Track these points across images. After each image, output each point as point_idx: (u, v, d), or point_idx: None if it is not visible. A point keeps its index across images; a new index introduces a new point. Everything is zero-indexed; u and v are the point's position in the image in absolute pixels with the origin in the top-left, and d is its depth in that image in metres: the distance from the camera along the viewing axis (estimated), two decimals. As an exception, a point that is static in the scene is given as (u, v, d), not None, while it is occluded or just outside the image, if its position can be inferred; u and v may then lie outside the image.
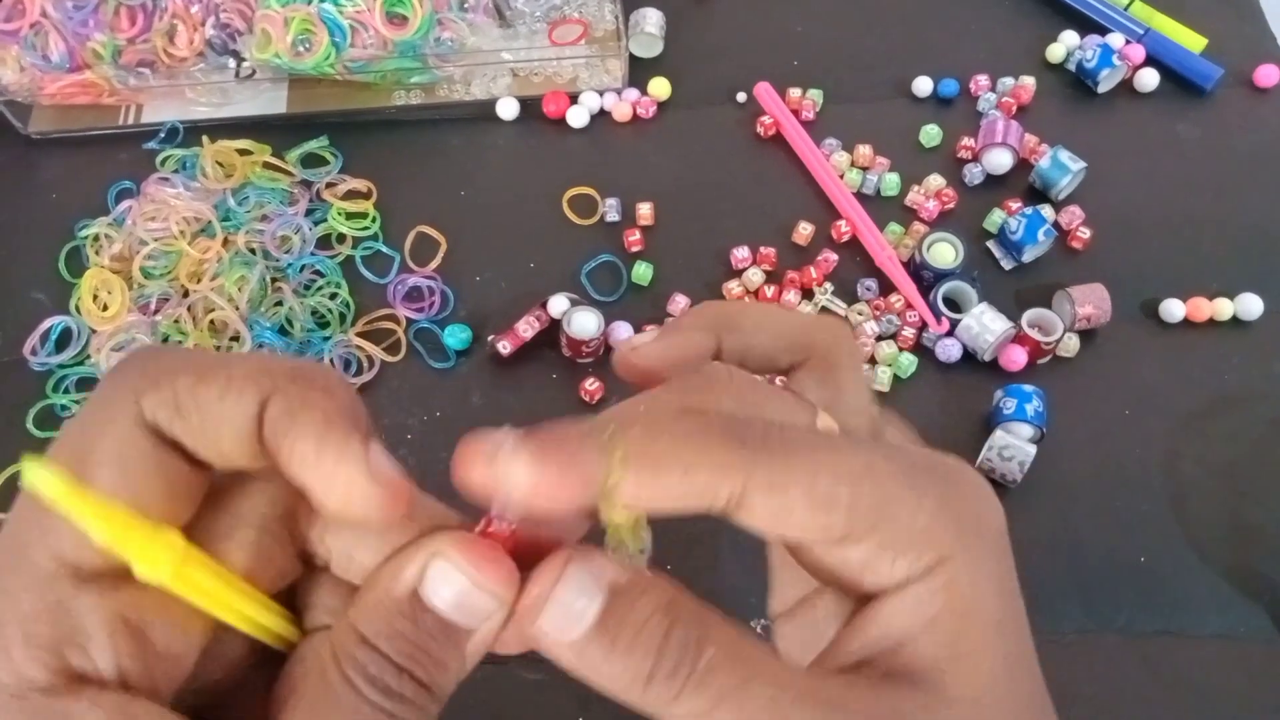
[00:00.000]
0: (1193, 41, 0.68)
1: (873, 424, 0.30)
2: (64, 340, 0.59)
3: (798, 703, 0.22)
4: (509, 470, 0.22)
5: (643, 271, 0.60)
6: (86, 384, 0.58)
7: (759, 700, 0.22)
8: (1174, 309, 0.59)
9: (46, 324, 0.59)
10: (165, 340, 0.57)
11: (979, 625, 0.24)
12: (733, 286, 0.60)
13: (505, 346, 0.58)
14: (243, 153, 0.64)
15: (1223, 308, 0.59)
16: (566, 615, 0.23)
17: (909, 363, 0.58)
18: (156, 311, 0.58)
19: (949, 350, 0.58)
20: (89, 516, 0.20)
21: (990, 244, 0.62)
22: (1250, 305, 0.59)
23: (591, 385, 0.57)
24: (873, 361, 0.58)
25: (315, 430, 0.22)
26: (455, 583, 0.23)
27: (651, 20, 0.68)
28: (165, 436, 0.22)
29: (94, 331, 0.58)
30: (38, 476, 0.20)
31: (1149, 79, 0.67)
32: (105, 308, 0.58)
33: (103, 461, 0.22)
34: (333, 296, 0.60)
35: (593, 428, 0.23)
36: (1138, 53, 0.67)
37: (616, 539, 0.24)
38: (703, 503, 0.23)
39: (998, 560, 0.24)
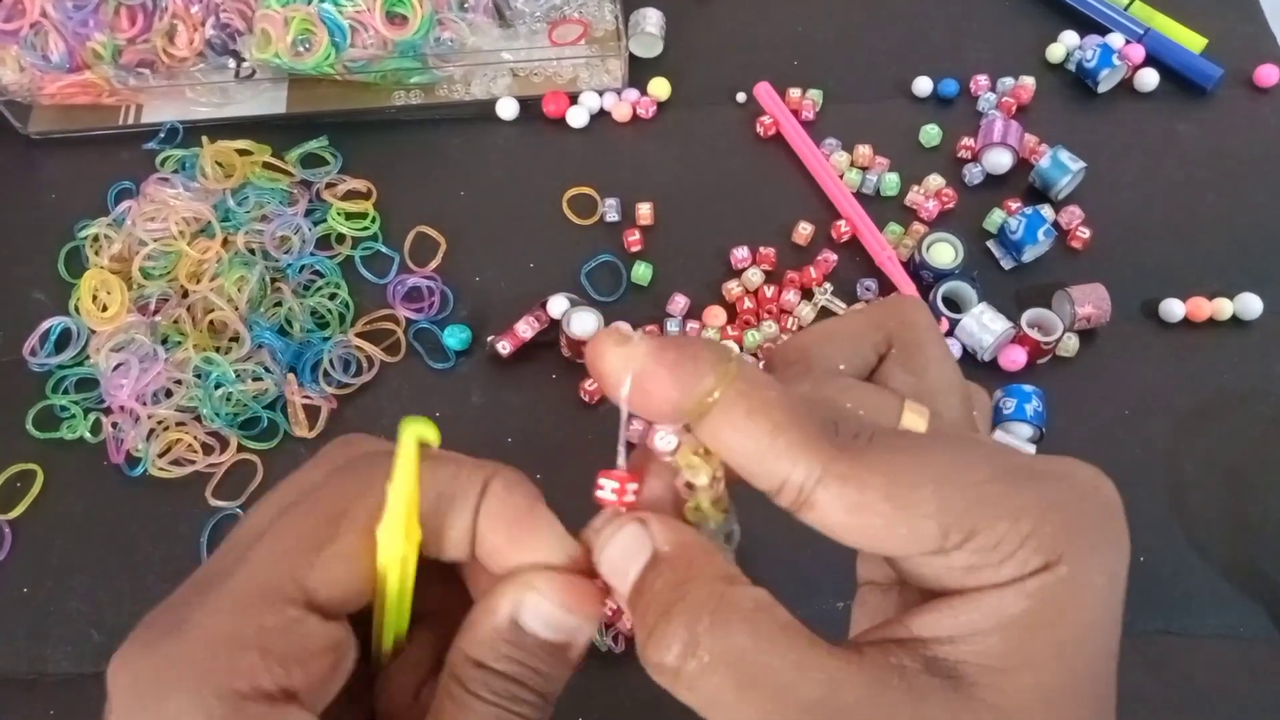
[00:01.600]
0: (1193, 41, 0.68)
1: (965, 399, 0.29)
2: (63, 341, 0.59)
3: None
4: (633, 351, 0.24)
5: (642, 271, 0.60)
6: (86, 385, 0.58)
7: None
8: (1174, 309, 0.59)
9: (46, 324, 0.59)
10: (164, 341, 0.57)
11: (1054, 639, 0.22)
12: (732, 286, 0.60)
13: (505, 347, 0.58)
14: (242, 153, 0.64)
15: (1222, 307, 0.59)
16: (614, 570, 0.25)
17: (909, 363, 0.58)
18: (156, 312, 0.58)
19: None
20: (409, 480, 0.24)
21: (990, 244, 0.62)
22: (1250, 305, 0.59)
23: (591, 385, 0.57)
24: (873, 361, 0.58)
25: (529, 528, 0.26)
26: (545, 613, 0.25)
27: (651, 20, 0.68)
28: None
29: (93, 332, 0.58)
30: (416, 432, 0.24)
31: (1149, 79, 0.67)
32: (105, 308, 0.58)
33: (353, 529, 0.25)
34: (332, 297, 0.60)
35: (719, 346, 0.24)
36: (1138, 53, 0.67)
37: (697, 509, 0.25)
38: (776, 471, 0.23)
39: (1106, 577, 0.23)
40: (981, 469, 0.23)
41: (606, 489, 0.25)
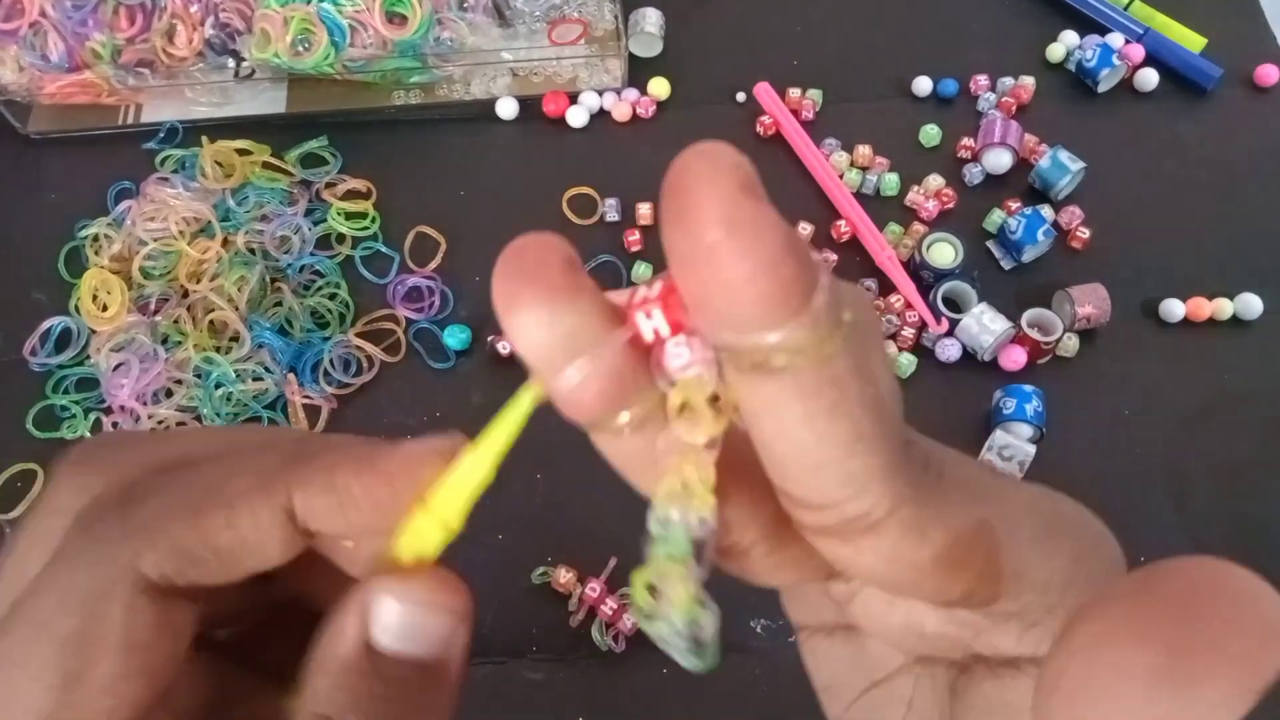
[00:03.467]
0: (1193, 41, 0.68)
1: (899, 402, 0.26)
2: (64, 340, 0.59)
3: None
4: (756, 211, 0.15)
5: (643, 272, 0.60)
6: (86, 385, 0.58)
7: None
8: (1174, 309, 0.59)
9: (46, 324, 0.59)
10: (164, 341, 0.57)
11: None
12: (732, 286, 0.60)
13: (505, 347, 0.58)
14: (242, 153, 0.64)
15: (1223, 307, 0.59)
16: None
17: (908, 363, 0.58)
18: (156, 312, 0.58)
19: (948, 350, 0.58)
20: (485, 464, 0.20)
21: (990, 244, 0.62)
22: (1250, 305, 0.59)
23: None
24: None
25: (367, 486, 0.20)
26: (402, 619, 0.20)
27: (651, 20, 0.68)
28: (169, 588, 0.20)
29: (93, 332, 0.58)
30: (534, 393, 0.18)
31: (1149, 79, 0.67)
32: (105, 308, 0.58)
33: (109, 647, 0.20)
34: (332, 297, 0.60)
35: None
36: (1137, 52, 0.67)
37: (672, 492, 0.18)
38: (830, 490, 0.17)
39: None
40: (1024, 526, 0.19)
41: (651, 324, 0.17)
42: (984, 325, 0.57)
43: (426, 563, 0.21)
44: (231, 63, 0.65)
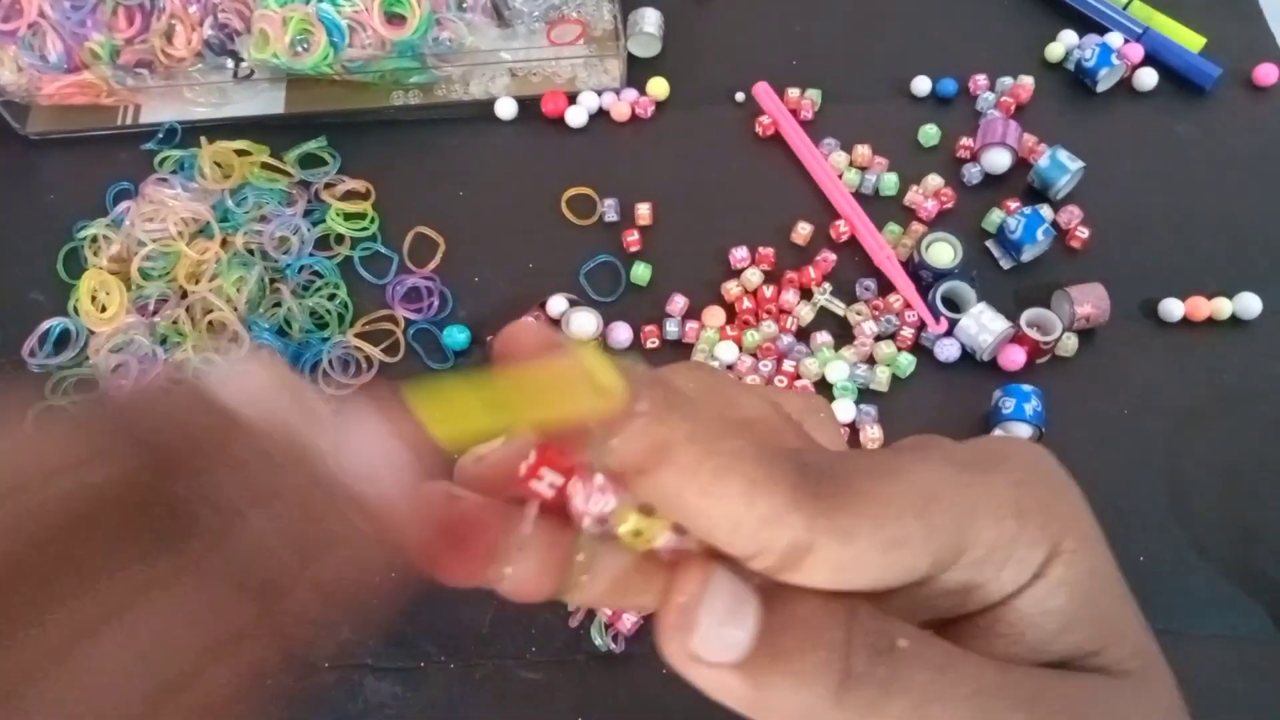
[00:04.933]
0: (1191, 41, 0.68)
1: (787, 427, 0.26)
2: (62, 341, 0.59)
3: (1000, 694, 0.20)
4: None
5: (641, 272, 0.60)
6: (85, 386, 0.58)
7: (962, 694, 0.19)
8: (1173, 308, 0.59)
9: (45, 325, 0.59)
10: (164, 342, 0.57)
11: (1110, 599, 0.22)
12: (731, 287, 0.60)
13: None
14: (241, 153, 0.64)
15: (1221, 307, 0.59)
16: (723, 626, 0.19)
17: (908, 363, 0.58)
18: (155, 313, 0.58)
19: (948, 350, 0.58)
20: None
21: (989, 243, 0.62)
22: (1249, 304, 0.59)
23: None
24: (871, 361, 0.58)
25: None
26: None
27: (650, 20, 0.68)
28: None
29: (92, 333, 0.58)
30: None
31: (1148, 78, 0.67)
32: (103, 309, 0.58)
33: None
34: (331, 297, 0.60)
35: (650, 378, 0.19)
36: (1136, 52, 0.67)
37: (628, 531, 0.20)
38: (756, 539, 0.19)
39: (1093, 533, 0.22)
40: (946, 479, 0.20)
41: (545, 483, 0.20)
42: (983, 325, 0.57)
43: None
44: (230, 63, 0.65)
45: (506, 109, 0.66)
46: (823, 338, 0.58)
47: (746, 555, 0.19)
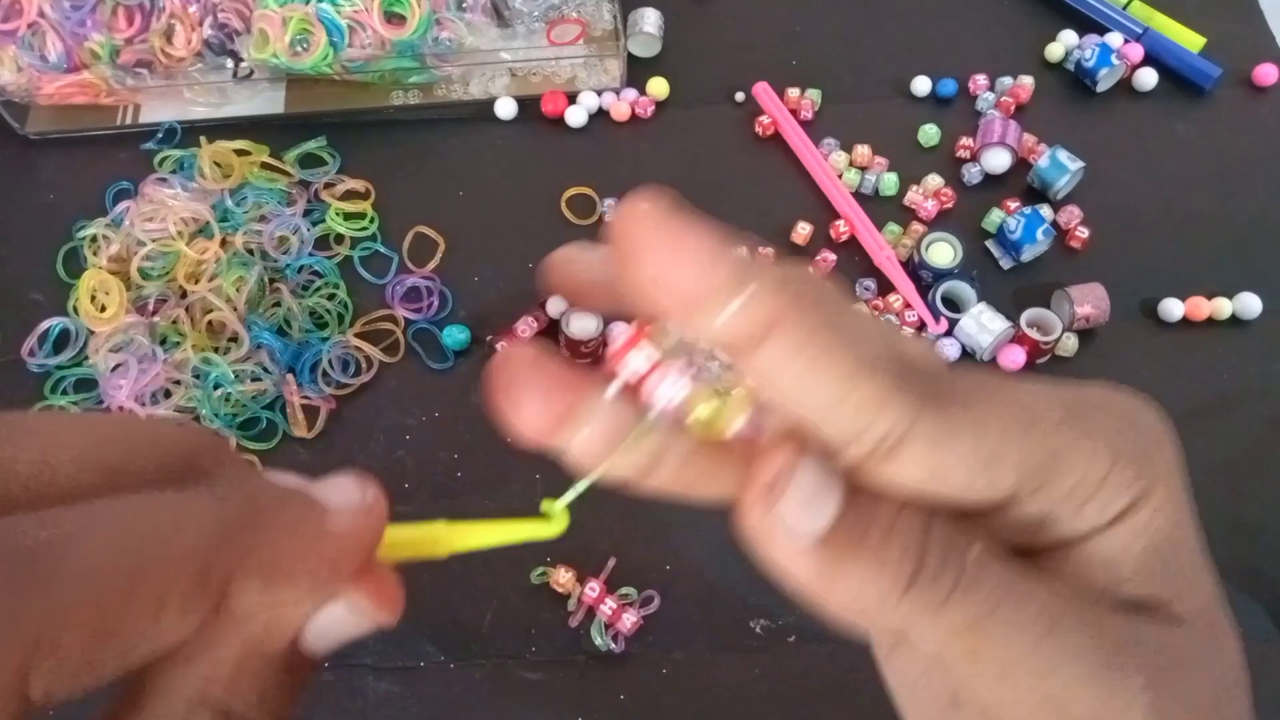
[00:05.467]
0: (1191, 41, 0.68)
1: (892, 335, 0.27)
2: (62, 341, 0.59)
3: (1067, 616, 0.20)
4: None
5: (641, 271, 0.60)
6: (84, 385, 0.58)
7: (1030, 609, 0.19)
8: (1173, 308, 0.59)
9: (44, 325, 0.59)
10: (163, 342, 0.57)
11: (1188, 552, 0.22)
12: (731, 286, 0.60)
13: (503, 347, 0.58)
14: (240, 153, 0.64)
15: (1221, 307, 0.59)
16: (808, 501, 0.19)
17: (908, 362, 0.58)
18: (154, 312, 0.58)
19: (947, 350, 0.58)
20: None
21: (989, 243, 0.62)
22: (1249, 304, 0.59)
23: (590, 385, 0.57)
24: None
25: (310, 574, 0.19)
26: (338, 619, 0.21)
27: (650, 20, 0.68)
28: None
29: (92, 333, 0.58)
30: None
31: (1148, 78, 0.67)
32: (103, 309, 0.58)
33: None
34: (331, 297, 0.60)
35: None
36: (1136, 52, 0.67)
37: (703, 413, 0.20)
38: (855, 421, 0.19)
39: (1182, 487, 0.22)
40: (1054, 410, 0.20)
41: (630, 368, 0.20)
42: (983, 325, 0.57)
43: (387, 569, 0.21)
44: (230, 63, 0.65)
45: (506, 109, 0.66)
46: (822, 338, 0.58)
47: (840, 438, 0.19)
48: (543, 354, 0.20)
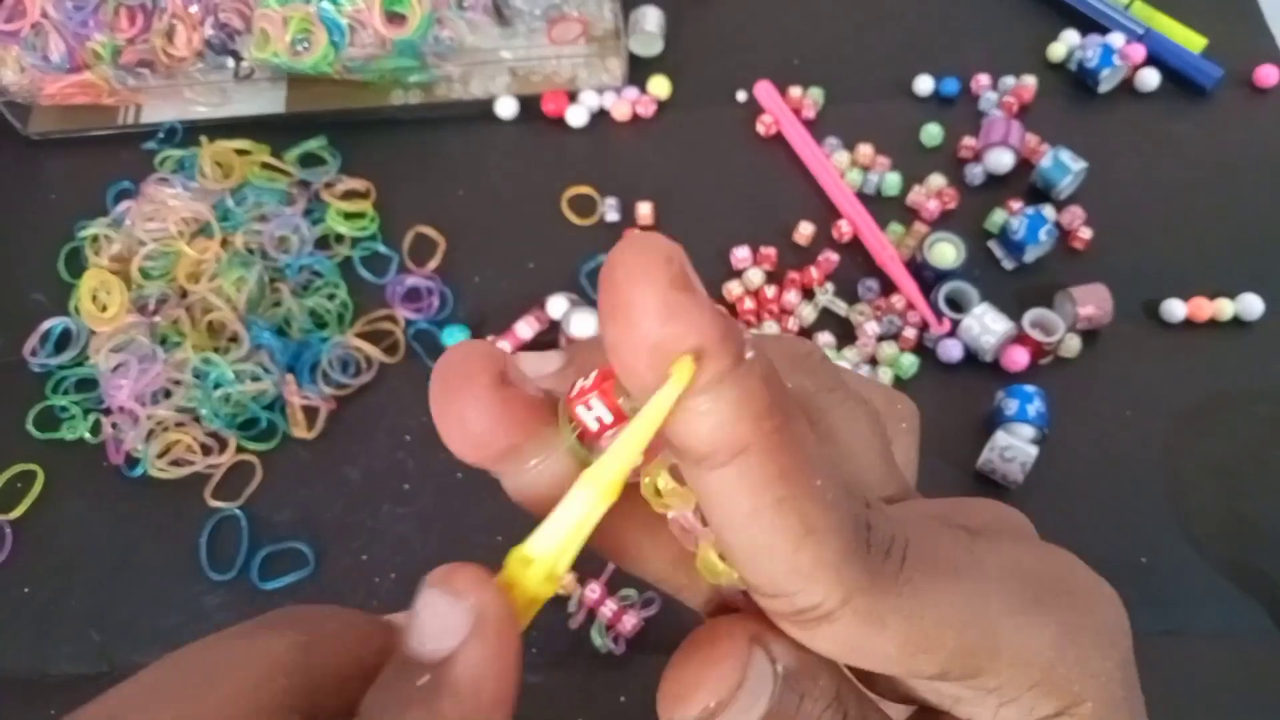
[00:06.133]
0: (1193, 42, 0.68)
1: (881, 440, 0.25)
2: (64, 341, 0.59)
3: None
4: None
5: (642, 272, 0.60)
6: (86, 385, 0.58)
7: None
8: (1175, 309, 0.59)
9: (46, 325, 0.59)
10: (163, 341, 0.57)
11: None
12: (733, 287, 0.60)
13: (504, 347, 0.58)
14: (241, 153, 0.64)
15: (1223, 307, 0.59)
16: (741, 713, 0.18)
17: (910, 363, 0.57)
18: (155, 312, 0.58)
19: (950, 351, 0.58)
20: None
21: (991, 244, 0.62)
22: (1251, 305, 0.59)
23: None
24: (874, 362, 0.58)
25: None
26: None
27: (651, 18, 0.68)
28: None
29: (93, 332, 0.58)
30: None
31: (1150, 79, 0.67)
32: (104, 308, 0.58)
33: None
34: (331, 297, 0.60)
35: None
36: (1138, 52, 0.67)
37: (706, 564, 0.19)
38: (783, 583, 0.17)
39: (1129, 701, 0.20)
40: (1010, 599, 0.19)
41: (592, 414, 0.18)
42: (986, 325, 0.57)
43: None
44: (231, 63, 0.65)
45: (507, 108, 0.66)
46: (825, 338, 0.58)
47: (764, 590, 0.18)
48: (491, 358, 0.19)
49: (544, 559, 0.19)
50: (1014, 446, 0.53)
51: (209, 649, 0.19)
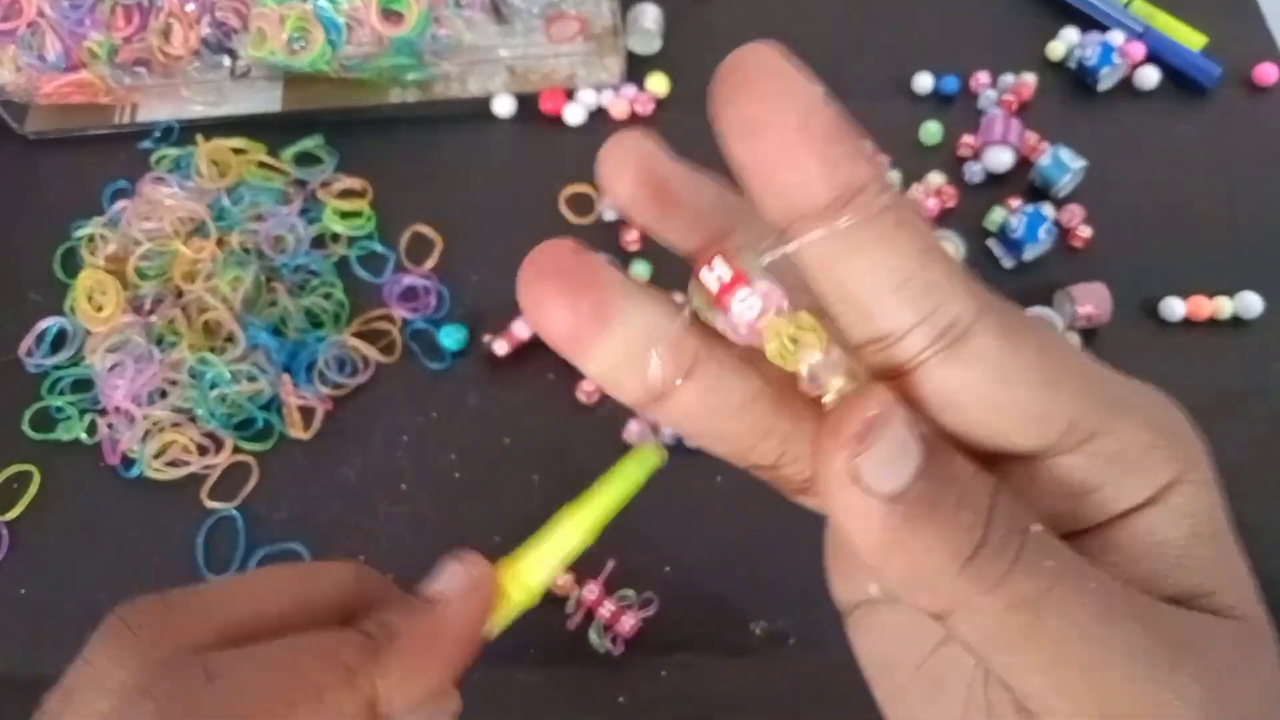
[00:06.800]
0: (1192, 40, 0.68)
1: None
2: (59, 341, 0.59)
3: (1119, 601, 0.19)
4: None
5: (641, 271, 0.60)
6: (82, 386, 0.58)
7: (1089, 591, 0.19)
8: (1174, 308, 0.59)
9: (42, 325, 0.59)
10: (159, 341, 0.57)
11: (1227, 543, 0.21)
12: (731, 286, 0.59)
13: (502, 346, 0.57)
14: (237, 152, 0.63)
15: (1223, 306, 0.59)
16: (891, 462, 0.18)
17: (908, 362, 0.57)
18: (151, 312, 0.58)
19: (948, 350, 0.57)
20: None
21: (990, 242, 0.62)
22: (1250, 304, 0.59)
23: (589, 386, 0.57)
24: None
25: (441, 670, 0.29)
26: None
27: (649, 16, 0.68)
28: None
29: (89, 332, 0.58)
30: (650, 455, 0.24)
31: (1149, 77, 0.66)
32: (100, 308, 0.58)
33: None
34: (327, 296, 0.60)
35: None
36: (1138, 50, 0.67)
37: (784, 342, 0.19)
38: (925, 300, 0.18)
39: (1213, 479, 0.22)
40: (1110, 373, 0.20)
41: (714, 275, 0.20)
42: (983, 325, 0.56)
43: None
44: (227, 61, 0.64)
45: (504, 106, 0.66)
46: (822, 337, 0.58)
47: (903, 326, 0.18)
48: (582, 250, 0.20)
49: (524, 571, 0.29)
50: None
51: (300, 565, 0.26)
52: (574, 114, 0.66)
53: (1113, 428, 0.20)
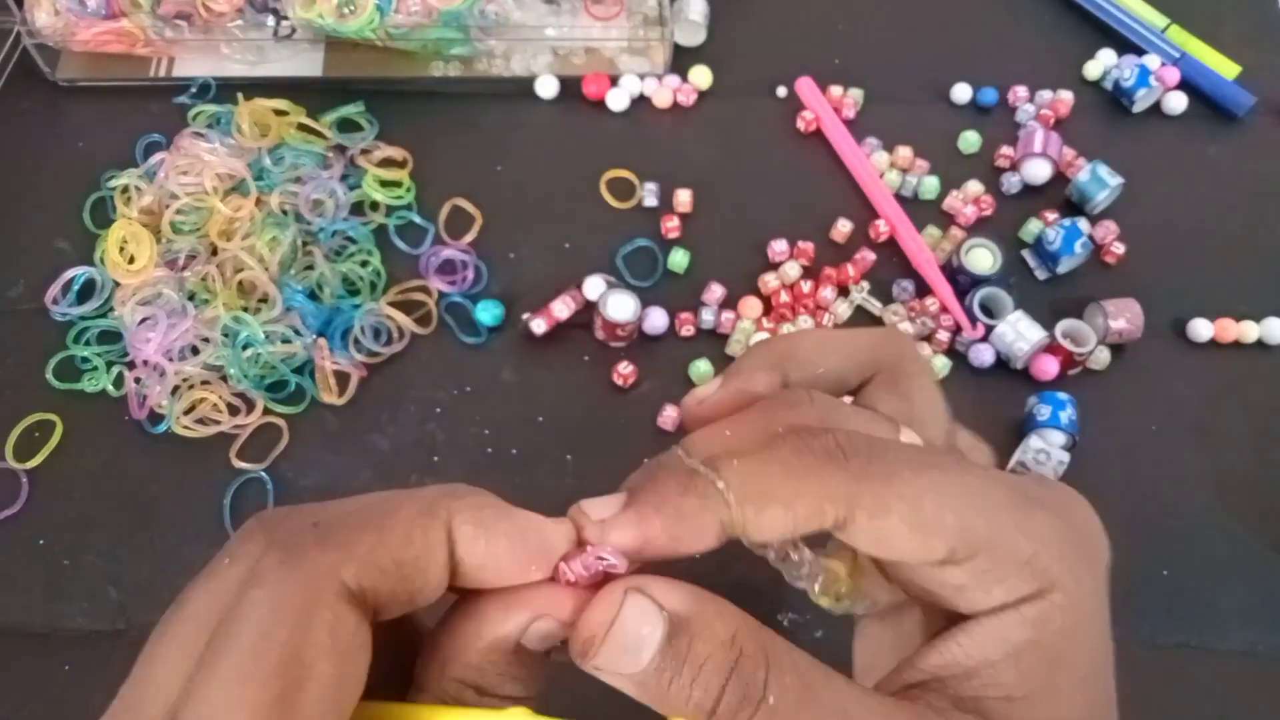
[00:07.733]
0: (1226, 68, 0.69)
1: (949, 434, 0.30)
2: (86, 291, 0.58)
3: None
4: (617, 538, 0.25)
5: (679, 259, 0.60)
6: (108, 337, 0.57)
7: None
8: (1201, 329, 0.60)
9: (69, 274, 0.58)
10: (191, 298, 0.56)
11: (1066, 666, 0.24)
12: (769, 279, 0.59)
13: (540, 325, 0.57)
14: (279, 113, 0.62)
15: (1248, 330, 0.60)
16: (624, 650, 0.23)
17: (942, 366, 0.58)
18: (184, 268, 0.57)
19: (981, 355, 0.58)
20: None
21: (1024, 253, 0.62)
22: (1275, 329, 0.60)
23: (625, 369, 0.57)
24: (906, 362, 0.58)
25: (506, 529, 0.25)
26: (549, 631, 0.25)
27: (695, 8, 0.68)
28: (362, 601, 0.23)
29: (118, 284, 0.57)
30: None
31: (1177, 102, 0.68)
32: (132, 260, 0.57)
33: (324, 653, 0.21)
34: (364, 264, 0.59)
35: (687, 474, 0.25)
36: (1172, 75, 0.68)
37: (830, 585, 0.27)
38: (810, 528, 0.24)
39: (1097, 602, 0.24)
40: (997, 494, 0.24)
41: (574, 569, 0.25)
42: (1020, 333, 0.57)
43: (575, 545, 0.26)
44: (271, 21, 0.64)
45: (547, 88, 0.66)
46: (858, 336, 0.58)
47: (810, 532, 0.24)
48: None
49: None
50: (1046, 450, 0.54)
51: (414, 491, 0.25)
52: (617, 100, 0.66)
53: (991, 545, 0.23)
